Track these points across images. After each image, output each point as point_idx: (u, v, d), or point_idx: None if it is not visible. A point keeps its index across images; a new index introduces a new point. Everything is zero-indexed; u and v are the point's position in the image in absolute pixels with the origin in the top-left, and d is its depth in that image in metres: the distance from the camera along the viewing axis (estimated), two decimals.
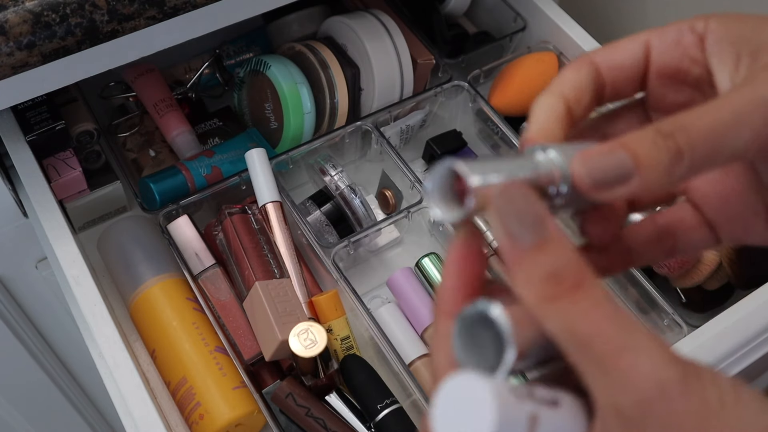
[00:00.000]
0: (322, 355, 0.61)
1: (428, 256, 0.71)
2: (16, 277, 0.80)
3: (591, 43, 0.81)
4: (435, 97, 0.81)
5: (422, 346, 0.68)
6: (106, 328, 0.60)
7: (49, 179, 0.69)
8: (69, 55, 0.57)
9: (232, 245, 0.68)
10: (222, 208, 0.70)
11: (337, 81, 0.77)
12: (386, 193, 0.78)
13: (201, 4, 0.60)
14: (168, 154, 0.79)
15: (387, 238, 0.77)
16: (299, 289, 0.67)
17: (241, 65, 0.81)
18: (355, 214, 0.74)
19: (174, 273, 0.70)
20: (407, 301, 0.70)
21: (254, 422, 0.64)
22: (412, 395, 0.64)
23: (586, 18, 0.86)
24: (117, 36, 0.58)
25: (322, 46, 0.79)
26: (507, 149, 0.81)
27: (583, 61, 0.33)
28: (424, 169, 0.84)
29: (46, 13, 0.55)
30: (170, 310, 0.67)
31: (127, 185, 0.76)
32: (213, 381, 0.63)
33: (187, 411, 0.63)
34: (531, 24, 0.86)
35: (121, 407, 0.61)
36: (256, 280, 0.65)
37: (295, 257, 0.69)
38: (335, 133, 0.77)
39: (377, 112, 0.79)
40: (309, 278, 0.71)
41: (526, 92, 0.82)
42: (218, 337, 0.66)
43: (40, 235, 0.67)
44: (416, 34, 0.83)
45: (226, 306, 0.66)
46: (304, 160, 0.78)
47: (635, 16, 0.88)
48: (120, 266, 0.71)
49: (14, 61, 0.55)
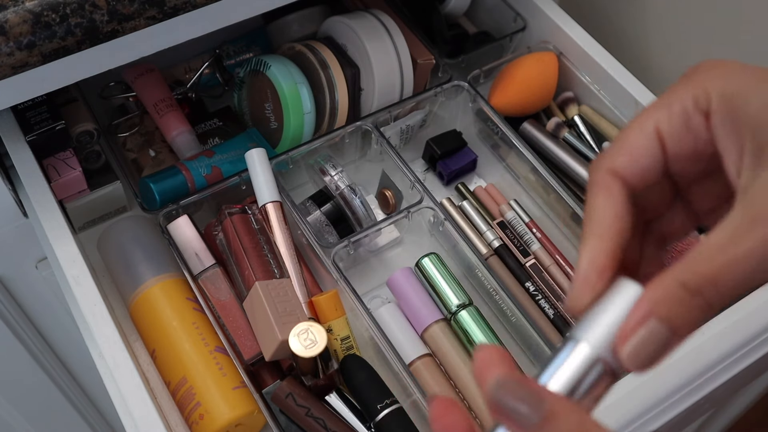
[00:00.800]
0: (322, 355, 0.61)
1: (428, 256, 0.71)
2: (16, 277, 0.80)
3: (591, 43, 0.81)
4: (435, 97, 0.81)
5: (422, 346, 0.68)
6: (106, 328, 0.60)
7: (49, 179, 0.69)
8: (69, 55, 0.57)
9: (232, 245, 0.68)
10: (222, 208, 0.70)
11: (337, 81, 0.77)
12: (386, 193, 0.78)
13: (201, 4, 0.60)
14: (168, 154, 0.79)
15: (387, 238, 0.77)
16: (299, 289, 0.67)
17: (241, 65, 0.81)
18: (355, 214, 0.74)
19: (174, 273, 0.70)
20: (407, 301, 0.70)
21: (254, 422, 0.64)
22: (412, 395, 0.64)
23: (586, 18, 0.86)
24: (117, 36, 0.58)
25: (322, 46, 0.79)
26: (507, 149, 0.81)
27: (609, 181, 0.32)
28: (424, 169, 0.84)
29: (46, 13, 0.55)
30: (170, 310, 0.67)
31: (127, 185, 0.76)
32: (213, 381, 0.63)
33: (187, 411, 0.63)
34: (531, 24, 0.86)
35: (121, 407, 0.61)
36: (256, 280, 0.65)
37: (295, 257, 0.69)
38: (335, 133, 0.77)
39: (377, 112, 0.79)
40: (309, 278, 0.71)
41: (526, 92, 0.82)
42: (218, 337, 0.66)
43: (40, 235, 0.67)
44: (416, 34, 0.83)
45: (226, 306, 0.66)
46: (304, 160, 0.78)
47: (635, 16, 0.88)
48: (120, 266, 0.71)
49: (14, 61, 0.55)
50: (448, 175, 0.82)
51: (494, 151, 0.84)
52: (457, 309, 0.69)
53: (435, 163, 0.82)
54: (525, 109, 0.83)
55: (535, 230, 0.77)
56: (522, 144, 0.78)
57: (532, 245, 0.75)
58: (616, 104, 0.80)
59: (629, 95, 0.78)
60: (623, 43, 0.90)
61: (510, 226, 0.77)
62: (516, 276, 0.74)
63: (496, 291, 0.71)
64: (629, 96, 0.78)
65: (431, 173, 0.84)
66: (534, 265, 0.74)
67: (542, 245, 0.76)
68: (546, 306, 0.71)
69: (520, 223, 0.77)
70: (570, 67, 0.83)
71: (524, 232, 0.76)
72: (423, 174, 0.83)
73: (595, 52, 0.80)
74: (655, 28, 0.87)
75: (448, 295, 0.69)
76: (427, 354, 0.68)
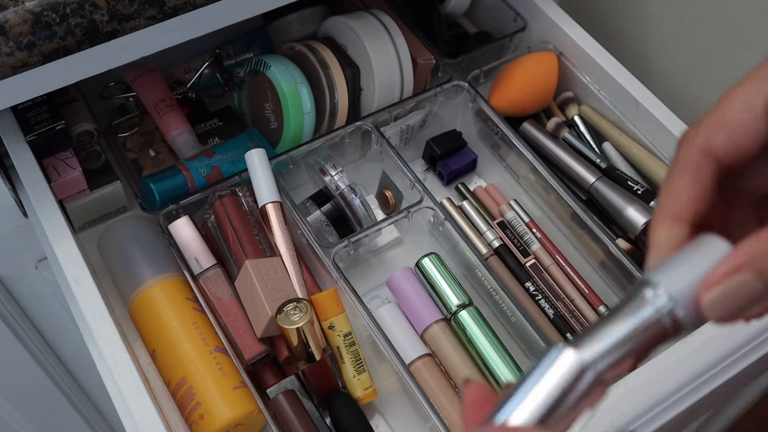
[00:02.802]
0: (313, 336, 0.61)
1: (428, 256, 0.71)
2: (16, 277, 0.80)
3: (591, 43, 0.81)
4: (435, 97, 0.81)
5: (422, 346, 0.68)
6: (106, 328, 0.60)
7: (49, 179, 0.69)
8: (69, 55, 0.57)
9: (222, 226, 0.68)
10: (212, 190, 0.70)
11: (337, 81, 0.77)
12: (386, 194, 0.78)
13: (201, 4, 0.60)
14: (168, 154, 0.79)
15: (387, 238, 0.77)
16: (299, 290, 0.67)
17: (241, 65, 0.81)
18: (355, 214, 0.74)
19: (174, 273, 0.70)
20: (407, 301, 0.70)
21: (254, 422, 0.64)
22: (412, 396, 0.64)
23: (586, 18, 0.86)
24: (117, 36, 0.58)
25: (322, 46, 0.79)
26: (507, 149, 0.81)
27: (701, 161, 0.29)
28: (424, 169, 0.84)
29: (46, 13, 0.55)
30: (170, 310, 0.67)
31: (127, 185, 0.76)
32: (213, 381, 0.63)
33: (187, 411, 0.63)
34: (531, 24, 0.86)
35: (121, 407, 0.61)
36: (246, 259, 0.65)
37: (295, 257, 0.69)
38: (335, 133, 0.77)
39: (377, 112, 0.79)
40: (309, 278, 0.71)
41: (526, 92, 0.82)
42: (218, 337, 0.66)
43: (40, 235, 0.67)
44: (416, 34, 0.83)
45: (226, 306, 0.66)
46: (304, 160, 0.78)
47: (635, 16, 0.88)
48: (120, 266, 0.71)
49: (14, 61, 0.55)
50: (448, 175, 0.82)
51: (494, 151, 0.84)
52: (457, 309, 0.69)
53: (435, 163, 0.82)
54: (525, 109, 0.83)
55: (535, 230, 0.77)
56: (522, 144, 0.78)
57: (532, 245, 0.75)
58: (616, 104, 0.80)
59: (629, 95, 0.78)
60: (623, 43, 0.90)
61: (510, 226, 0.77)
62: (516, 276, 0.74)
63: (496, 291, 0.71)
64: (629, 96, 0.78)
65: (431, 173, 0.84)
66: (534, 265, 0.74)
67: (542, 245, 0.76)
68: (546, 306, 0.71)
69: (520, 223, 0.77)
70: (570, 67, 0.83)
71: (524, 232, 0.76)
72: (423, 174, 0.83)
73: (595, 52, 0.80)
74: (655, 28, 0.87)
75: (448, 295, 0.69)
76: (427, 354, 0.68)
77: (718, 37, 0.80)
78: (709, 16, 0.79)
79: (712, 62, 0.81)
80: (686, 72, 0.85)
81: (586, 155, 0.80)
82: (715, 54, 0.81)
